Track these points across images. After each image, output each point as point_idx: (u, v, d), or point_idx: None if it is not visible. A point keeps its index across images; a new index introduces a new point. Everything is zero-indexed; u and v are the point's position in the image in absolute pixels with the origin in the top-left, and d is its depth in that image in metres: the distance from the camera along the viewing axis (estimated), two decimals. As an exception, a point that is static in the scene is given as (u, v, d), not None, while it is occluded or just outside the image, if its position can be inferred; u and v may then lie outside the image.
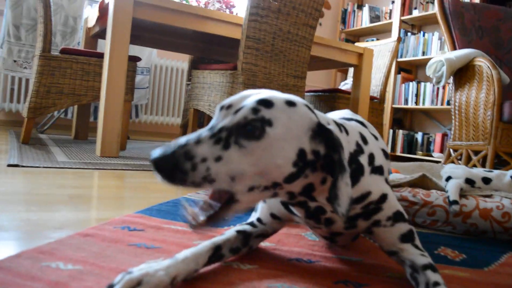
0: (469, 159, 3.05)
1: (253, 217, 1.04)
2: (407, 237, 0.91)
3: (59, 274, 0.77)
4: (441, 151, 4.83)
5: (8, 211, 1.21)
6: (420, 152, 5.03)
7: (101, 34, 3.24)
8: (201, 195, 1.70)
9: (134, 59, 3.11)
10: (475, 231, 1.40)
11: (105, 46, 2.76)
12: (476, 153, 3.01)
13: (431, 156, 4.86)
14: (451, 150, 3.34)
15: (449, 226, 1.44)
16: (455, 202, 1.41)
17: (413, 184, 1.65)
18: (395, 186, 1.62)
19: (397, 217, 0.92)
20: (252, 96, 0.78)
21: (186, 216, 0.75)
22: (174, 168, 0.67)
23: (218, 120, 0.75)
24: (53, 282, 0.73)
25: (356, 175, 0.87)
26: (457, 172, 1.58)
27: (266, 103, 0.74)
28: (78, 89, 2.97)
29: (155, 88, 5.09)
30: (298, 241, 1.18)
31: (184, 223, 1.23)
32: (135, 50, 4.39)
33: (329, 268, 0.98)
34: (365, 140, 0.93)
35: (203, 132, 0.73)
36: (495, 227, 1.36)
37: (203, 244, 0.88)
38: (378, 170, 0.93)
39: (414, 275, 0.86)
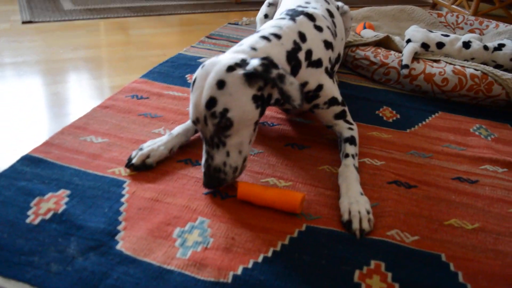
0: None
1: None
2: (339, 115, 1.24)
3: (94, 147, 1.13)
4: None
5: (38, 85, 1.53)
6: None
7: None
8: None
9: None
10: (419, 90, 1.71)
11: None
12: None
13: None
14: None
15: (399, 85, 1.75)
16: (406, 66, 1.68)
17: (378, 43, 1.89)
18: (362, 44, 1.87)
19: (332, 102, 1.22)
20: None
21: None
22: (220, 183, 0.98)
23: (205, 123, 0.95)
24: (91, 154, 1.10)
25: (296, 69, 1.10)
26: (416, 35, 1.80)
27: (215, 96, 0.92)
28: None
29: None
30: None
31: (180, 87, 1.55)
32: None
33: (283, 132, 1.34)
34: (303, 38, 1.12)
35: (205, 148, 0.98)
36: (435, 89, 1.66)
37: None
38: (315, 64, 1.15)
39: (340, 144, 1.22)
